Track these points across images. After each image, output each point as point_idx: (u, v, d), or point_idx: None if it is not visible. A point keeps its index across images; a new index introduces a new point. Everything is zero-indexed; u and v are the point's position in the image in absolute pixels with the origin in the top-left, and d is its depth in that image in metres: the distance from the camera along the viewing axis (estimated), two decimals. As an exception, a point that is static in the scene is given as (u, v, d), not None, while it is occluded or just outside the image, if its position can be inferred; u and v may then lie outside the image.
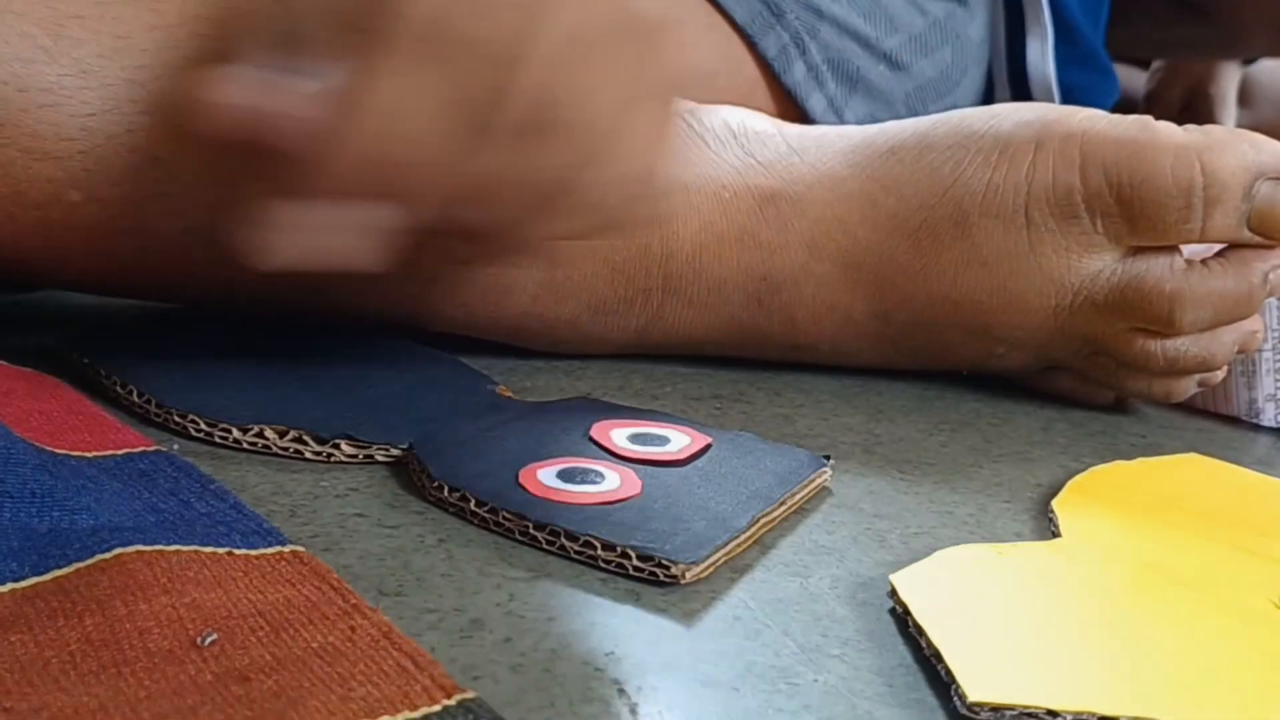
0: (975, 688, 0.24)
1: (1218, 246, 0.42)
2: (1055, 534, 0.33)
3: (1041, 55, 0.66)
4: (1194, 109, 1.07)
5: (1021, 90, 0.67)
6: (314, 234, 0.30)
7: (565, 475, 0.32)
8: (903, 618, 0.28)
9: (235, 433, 0.34)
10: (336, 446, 0.34)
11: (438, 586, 0.27)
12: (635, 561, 0.28)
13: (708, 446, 0.35)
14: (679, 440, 0.35)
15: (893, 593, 0.28)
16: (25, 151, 0.33)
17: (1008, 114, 0.43)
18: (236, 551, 0.27)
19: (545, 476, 0.32)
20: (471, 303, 0.41)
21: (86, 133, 0.34)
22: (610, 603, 0.27)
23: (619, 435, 0.35)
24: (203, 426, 0.34)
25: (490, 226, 0.34)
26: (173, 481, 0.31)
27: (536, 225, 0.34)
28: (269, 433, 0.33)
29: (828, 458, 0.35)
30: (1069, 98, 0.67)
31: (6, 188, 0.34)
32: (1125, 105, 0.92)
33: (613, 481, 0.32)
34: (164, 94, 0.33)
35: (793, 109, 0.57)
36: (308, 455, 0.34)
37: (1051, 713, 0.24)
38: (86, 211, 0.35)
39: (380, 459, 0.34)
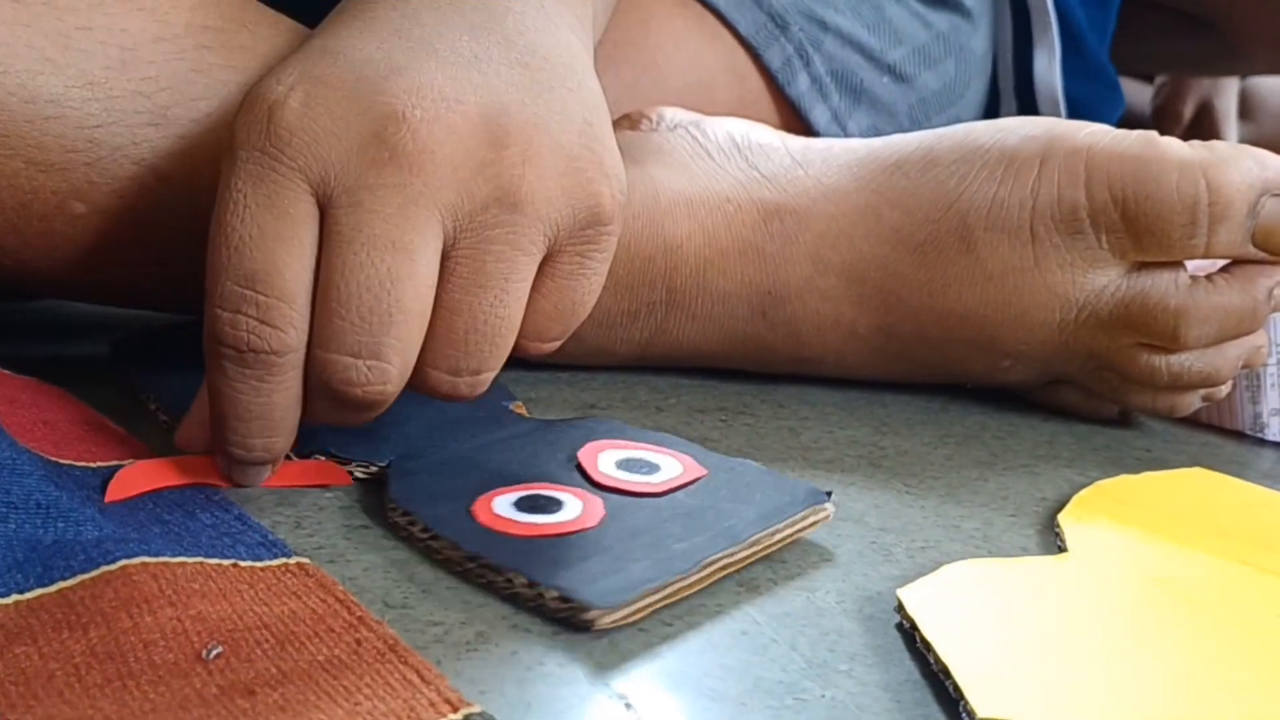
0: (984, 703, 0.24)
1: (1222, 262, 0.42)
2: (1061, 548, 0.33)
3: (1049, 67, 0.66)
4: (1199, 123, 1.08)
5: (1028, 102, 0.67)
6: None
7: (522, 503, 0.31)
8: (910, 633, 0.27)
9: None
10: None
11: (443, 599, 0.27)
12: (550, 603, 0.27)
13: (699, 478, 0.33)
14: (670, 469, 0.34)
15: (900, 608, 0.28)
16: (31, 163, 0.33)
17: (1013, 128, 0.43)
18: (241, 563, 0.27)
19: (500, 504, 0.31)
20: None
21: (92, 144, 0.34)
22: (616, 616, 0.27)
23: (606, 460, 0.34)
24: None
25: None
26: (177, 492, 0.30)
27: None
28: None
29: (829, 494, 0.33)
30: (1075, 110, 0.67)
31: (12, 199, 0.34)
32: (1129, 119, 0.92)
33: (572, 511, 0.31)
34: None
35: (796, 121, 0.57)
36: None
37: (1060, 729, 0.24)
38: (91, 223, 0.35)
39: (359, 475, 0.33)
